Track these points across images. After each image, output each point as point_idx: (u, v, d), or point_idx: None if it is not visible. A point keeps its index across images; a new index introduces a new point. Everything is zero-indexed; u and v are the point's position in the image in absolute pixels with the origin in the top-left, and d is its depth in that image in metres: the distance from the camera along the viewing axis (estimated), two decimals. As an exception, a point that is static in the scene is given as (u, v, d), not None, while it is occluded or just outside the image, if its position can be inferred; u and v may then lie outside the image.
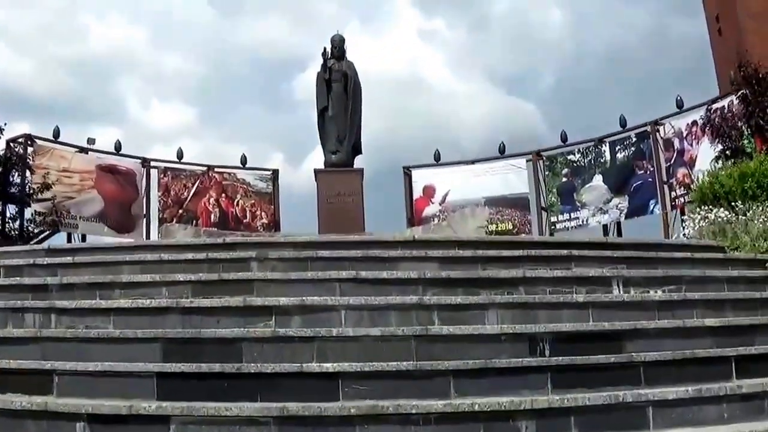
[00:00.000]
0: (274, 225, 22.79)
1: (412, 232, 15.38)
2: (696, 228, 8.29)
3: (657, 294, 6.34)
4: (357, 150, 14.69)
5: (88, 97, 72.86)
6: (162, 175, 22.45)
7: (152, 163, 22.49)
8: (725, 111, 15.95)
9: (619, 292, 6.43)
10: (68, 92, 69.34)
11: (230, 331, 5.30)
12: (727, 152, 15.18)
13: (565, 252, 6.83)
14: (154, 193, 22.20)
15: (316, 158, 13.81)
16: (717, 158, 15.76)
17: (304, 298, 5.70)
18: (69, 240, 20.63)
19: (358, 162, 14.70)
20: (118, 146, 21.77)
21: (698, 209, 8.47)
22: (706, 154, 17.65)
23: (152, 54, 74.35)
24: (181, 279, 6.21)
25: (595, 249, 7.17)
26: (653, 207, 19.79)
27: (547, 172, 22.05)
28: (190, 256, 6.72)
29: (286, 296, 5.90)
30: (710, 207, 8.31)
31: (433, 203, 23.31)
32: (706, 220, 8.17)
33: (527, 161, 22.29)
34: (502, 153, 22.40)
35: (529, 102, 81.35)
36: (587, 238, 7.32)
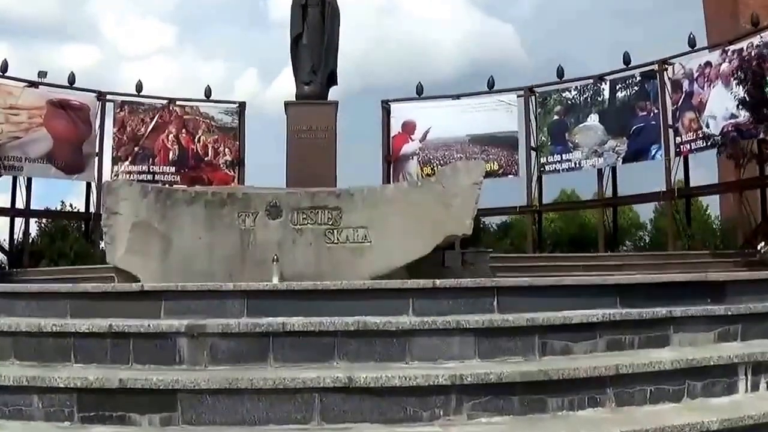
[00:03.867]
0: (239, 162, 20.13)
1: (394, 188, 12.75)
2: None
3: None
4: (332, 80, 12.09)
5: (65, 16, 68.02)
6: (119, 110, 19.46)
7: (108, 97, 19.50)
8: (753, 54, 13.22)
9: (746, 387, 4.00)
10: (46, 12, 64.49)
11: None
12: (752, 100, 12.61)
13: (663, 311, 4.25)
14: (109, 130, 19.28)
15: (290, 76, 11.29)
16: (739, 105, 13.28)
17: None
18: (14, 185, 17.81)
19: (333, 93, 12.09)
20: (71, 79, 18.86)
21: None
22: (718, 98, 15.11)
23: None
24: (62, 386, 3.57)
25: (695, 293, 4.61)
26: (655, 152, 17.26)
27: (539, 110, 19.33)
28: (85, 327, 3.98)
29: (230, 423, 3.37)
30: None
31: (412, 140, 20.58)
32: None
33: (518, 97, 19.48)
34: (491, 88, 19.57)
35: (506, 23, 77.55)
36: (681, 278, 4.75)
